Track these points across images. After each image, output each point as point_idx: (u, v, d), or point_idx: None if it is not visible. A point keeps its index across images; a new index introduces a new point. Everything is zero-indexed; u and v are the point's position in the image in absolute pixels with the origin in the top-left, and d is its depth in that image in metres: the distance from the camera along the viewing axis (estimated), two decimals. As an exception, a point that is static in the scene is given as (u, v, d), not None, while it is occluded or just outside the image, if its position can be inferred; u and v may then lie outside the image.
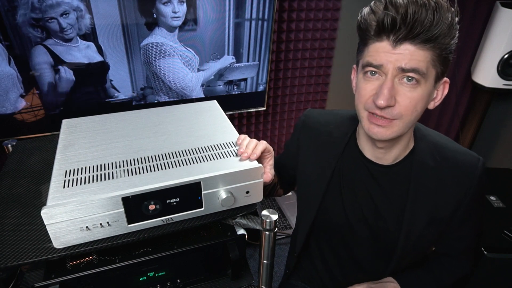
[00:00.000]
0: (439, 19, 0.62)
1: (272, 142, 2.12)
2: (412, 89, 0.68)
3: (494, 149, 2.40)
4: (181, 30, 1.45)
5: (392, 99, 0.68)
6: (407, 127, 0.72)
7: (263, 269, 0.84)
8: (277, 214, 0.77)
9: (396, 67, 0.66)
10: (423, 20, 0.62)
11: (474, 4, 1.86)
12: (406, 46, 0.65)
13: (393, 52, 0.66)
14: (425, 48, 0.65)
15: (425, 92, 0.69)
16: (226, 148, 0.78)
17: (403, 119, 0.70)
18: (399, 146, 0.79)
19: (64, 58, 1.32)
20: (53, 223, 0.61)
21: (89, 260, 0.74)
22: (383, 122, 0.71)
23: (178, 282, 0.81)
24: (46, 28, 1.25)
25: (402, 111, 0.69)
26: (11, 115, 1.35)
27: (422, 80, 0.67)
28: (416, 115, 0.71)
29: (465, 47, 1.98)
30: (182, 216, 0.71)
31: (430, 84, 0.69)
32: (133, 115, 0.92)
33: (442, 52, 0.66)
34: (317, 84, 2.02)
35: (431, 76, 0.69)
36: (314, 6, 1.77)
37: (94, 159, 0.74)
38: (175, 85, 1.55)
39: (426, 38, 0.64)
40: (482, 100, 2.04)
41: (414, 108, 0.69)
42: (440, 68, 0.69)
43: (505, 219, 1.57)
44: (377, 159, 0.82)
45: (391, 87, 0.67)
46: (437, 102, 0.75)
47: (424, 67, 0.66)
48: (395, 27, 0.64)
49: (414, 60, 0.65)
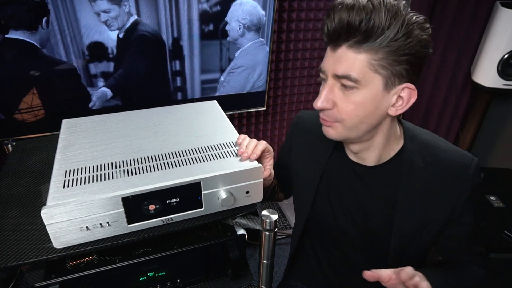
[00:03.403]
0: (368, 19, 0.63)
1: (272, 142, 2.12)
2: (350, 94, 0.69)
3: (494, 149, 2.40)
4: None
5: (328, 102, 0.71)
6: (353, 131, 0.73)
7: (263, 269, 0.84)
8: (277, 214, 0.77)
9: (332, 73, 0.69)
10: (352, 21, 0.64)
11: (474, 4, 1.86)
12: (343, 50, 0.67)
13: (332, 57, 0.69)
14: (360, 50, 0.65)
15: (367, 97, 0.68)
16: (226, 148, 0.78)
17: (343, 123, 0.72)
18: (375, 148, 0.78)
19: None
20: (53, 223, 0.61)
21: (89, 260, 0.74)
22: (327, 123, 0.75)
23: (178, 282, 0.81)
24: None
25: (341, 115, 0.71)
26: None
27: (360, 86, 0.67)
28: (359, 120, 0.70)
29: (465, 47, 1.98)
30: (182, 216, 0.71)
31: (374, 89, 0.67)
32: (133, 115, 0.92)
33: (389, 55, 0.64)
34: (317, 84, 2.02)
35: (374, 81, 0.67)
36: (314, 6, 1.77)
37: (94, 159, 0.74)
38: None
39: (359, 43, 0.65)
40: (482, 100, 2.04)
41: (353, 113, 0.70)
42: (387, 73, 0.66)
43: (505, 219, 1.57)
44: (359, 161, 0.82)
45: (328, 91, 0.71)
46: (400, 110, 0.71)
47: (357, 73, 0.66)
48: (330, 34, 0.67)
49: (348, 65, 0.66)
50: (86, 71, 1.31)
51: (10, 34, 1.05)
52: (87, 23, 1.19)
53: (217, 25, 1.46)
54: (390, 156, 0.80)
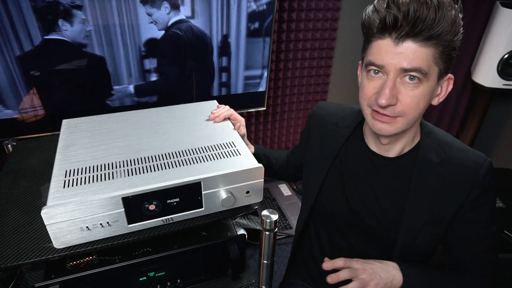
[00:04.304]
0: (441, 17, 0.63)
1: (272, 142, 2.13)
2: (414, 88, 0.69)
3: (494, 149, 2.40)
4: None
5: (393, 98, 0.70)
6: (410, 124, 0.74)
7: (263, 269, 0.84)
8: (277, 214, 0.77)
9: (398, 68, 0.68)
10: (425, 17, 0.63)
11: (474, 4, 1.86)
12: (408, 44, 0.66)
13: (395, 52, 0.67)
14: (427, 45, 0.66)
15: (428, 90, 0.70)
16: (226, 148, 0.78)
17: (406, 116, 0.72)
18: (404, 140, 0.80)
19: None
20: (53, 223, 0.61)
21: (89, 260, 0.74)
22: (387, 119, 0.73)
23: (178, 282, 0.81)
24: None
25: (404, 109, 0.71)
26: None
27: (424, 79, 0.68)
28: (419, 112, 0.73)
29: (465, 47, 1.98)
30: (182, 216, 0.71)
31: (432, 81, 0.70)
32: (133, 115, 0.92)
33: (445, 49, 0.67)
34: (317, 84, 2.02)
35: (434, 74, 0.69)
36: (314, 6, 1.77)
37: (94, 159, 0.74)
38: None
39: (428, 36, 0.64)
40: (482, 100, 2.04)
41: (416, 106, 0.71)
42: (443, 65, 0.69)
43: (505, 219, 1.57)
44: (382, 152, 0.83)
45: (392, 87, 0.69)
46: (441, 98, 0.76)
47: (426, 66, 0.67)
48: (396, 25, 0.65)
49: (416, 59, 0.66)
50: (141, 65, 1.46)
51: (50, 35, 1.24)
52: (144, 22, 1.38)
53: (262, 23, 1.58)
54: (410, 148, 0.81)
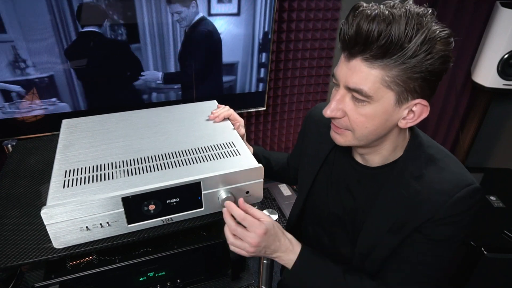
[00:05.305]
0: (388, 32, 0.59)
1: (272, 142, 2.12)
2: (361, 106, 0.68)
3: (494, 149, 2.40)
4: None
5: (338, 111, 0.70)
6: (362, 140, 0.73)
7: (263, 269, 0.84)
8: (277, 214, 0.77)
9: (344, 84, 0.68)
10: (370, 32, 0.60)
11: (474, 4, 1.86)
12: (357, 62, 0.65)
13: (346, 66, 0.67)
14: (375, 66, 0.63)
15: (377, 111, 0.67)
16: (226, 148, 0.78)
17: (355, 132, 0.72)
18: (382, 152, 0.78)
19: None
20: (53, 223, 0.61)
21: (89, 260, 0.74)
22: (337, 130, 0.75)
23: (178, 282, 0.81)
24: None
25: (351, 124, 0.71)
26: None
27: (371, 100, 0.66)
28: (369, 131, 0.70)
29: (465, 47, 1.98)
30: (182, 216, 0.71)
31: (386, 104, 0.66)
32: (133, 115, 0.92)
33: (402, 72, 0.62)
34: (317, 84, 2.02)
35: (386, 97, 0.66)
36: (314, 6, 1.77)
37: (94, 159, 0.74)
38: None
39: (373, 54, 0.62)
40: (482, 100, 2.04)
41: (362, 125, 0.69)
42: (400, 89, 0.65)
43: (505, 219, 1.57)
44: (363, 161, 0.83)
45: (339, 99, 0.70)
46: (410, 123, 0.69)
47: (370, 88, 0.64)
48: (345, 41, 0.65)
49: (361, 79, 0.65)
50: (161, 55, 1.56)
51: (84, 29, 1.37)
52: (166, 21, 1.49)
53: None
54: (395, 158, 0.80)
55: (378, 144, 0.76)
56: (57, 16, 1.29)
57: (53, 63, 1.36)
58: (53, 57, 1.34)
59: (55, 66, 1.36)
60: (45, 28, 1.29)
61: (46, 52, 1.33)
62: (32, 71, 1.34)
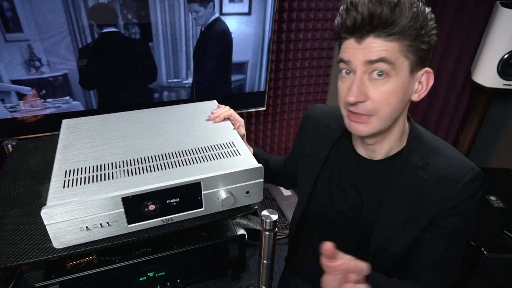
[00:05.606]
0: (398, 12, 0.65)
1: (272, 142, 2.12)
2: (384, 83, 0.69)
3: (494, 149, 2.40)
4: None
5: (361, 95, 0.70)
6: (386, 122, 0.74)
7: (263, 269, 0.84)
8: (277, 214, 0.77)
9: (363, 61, 0.69)
10: (379, 14, 0.65)
11: (474, 4, 1.86)
12: (370, 40, 0.68)
13: (360, 46, 0.69)
14: (389, 39, 0.67)
15: (398, 84, 0.70)
16: (226, 148, 0.78)
17: (379, 114, 0.72)
18: (390, 140, 0.79)
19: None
20: (53, 223, 0.61)
21: (89, 260, 0.74)
22: (361, 119, 0.73)
23: (178, 282, 0.81)
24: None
25: (375, 105, 0.71)
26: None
27: (393, 72, 0.68)
28: (392, 109, 0.72)
29: (465, 47, 1.98)
30: (182, 216, 0.71)
31: (403, 75, 0.70)
32: (133, 115, 0.92)
33: (412, 42, 0.67)
34: (317, 84, 2.02)
35: (403, 67, 0.69)
36: (314, 6, 1.77)
37: (94, 159, 0.74)
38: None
39: (388, 32, 0.66)
40: (482, 100, 2.04)
41: (387, 102, 0.70)
42: (413, 58, 0.69)
43: (505, 219, 1.57)
44: (368, 155, 0.83)
45: (360, 84, 0.70)
46: (422, 94, 0.74)
47: (391, 56, 0.67)
48: (356, 25, 0.68)
49: (380, 50, 0.67)
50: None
51: (104, 30, 1.40)
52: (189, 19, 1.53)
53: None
54: (397, 150, 0.81)
55: (391, 127, 0.77)
56: (73, 15, 1.31)
57: (68, 61, 1.38)
58: (67, 55, 1.37)
59: (70, 64, 1.38)
60: (60, 27, 1.31)
61: (61, 50, 1.35)
62: (47, 69, 1.36)
